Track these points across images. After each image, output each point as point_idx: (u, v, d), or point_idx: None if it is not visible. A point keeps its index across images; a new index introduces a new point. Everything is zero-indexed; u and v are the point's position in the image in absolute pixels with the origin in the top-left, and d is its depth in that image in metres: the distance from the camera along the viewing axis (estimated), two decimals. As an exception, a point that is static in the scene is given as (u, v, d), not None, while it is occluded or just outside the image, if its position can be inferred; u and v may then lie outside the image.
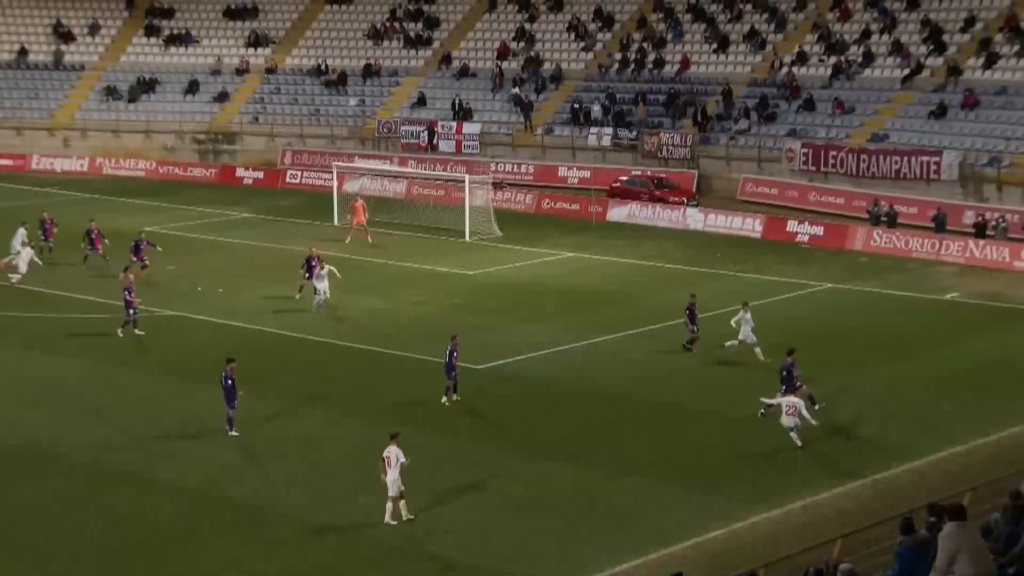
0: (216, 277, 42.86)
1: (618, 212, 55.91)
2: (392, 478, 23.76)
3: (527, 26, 71.33)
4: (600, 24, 69.96)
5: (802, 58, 63.20)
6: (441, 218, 53.60)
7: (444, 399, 30.51)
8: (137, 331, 36.35)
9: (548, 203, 58.21)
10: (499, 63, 69.44)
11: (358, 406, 30.75)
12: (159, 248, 44.11)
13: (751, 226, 52.64)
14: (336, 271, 39.77)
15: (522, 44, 70.73)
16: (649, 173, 59.36)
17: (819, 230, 50.90)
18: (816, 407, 29.42)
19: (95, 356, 34.88)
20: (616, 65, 67.40)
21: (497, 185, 58.36)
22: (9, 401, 31.22)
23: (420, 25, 74.06)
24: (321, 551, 23.16)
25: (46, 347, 35.87)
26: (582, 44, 69.53)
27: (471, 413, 30.13)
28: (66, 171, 69.47)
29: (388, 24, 74.63)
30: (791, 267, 46.18)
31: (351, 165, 61.54)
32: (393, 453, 23.85)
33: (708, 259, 47.60)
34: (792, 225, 51.70)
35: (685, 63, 65.64)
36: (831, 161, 56.50)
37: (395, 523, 23.84)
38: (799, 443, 27.40)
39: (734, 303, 40.21)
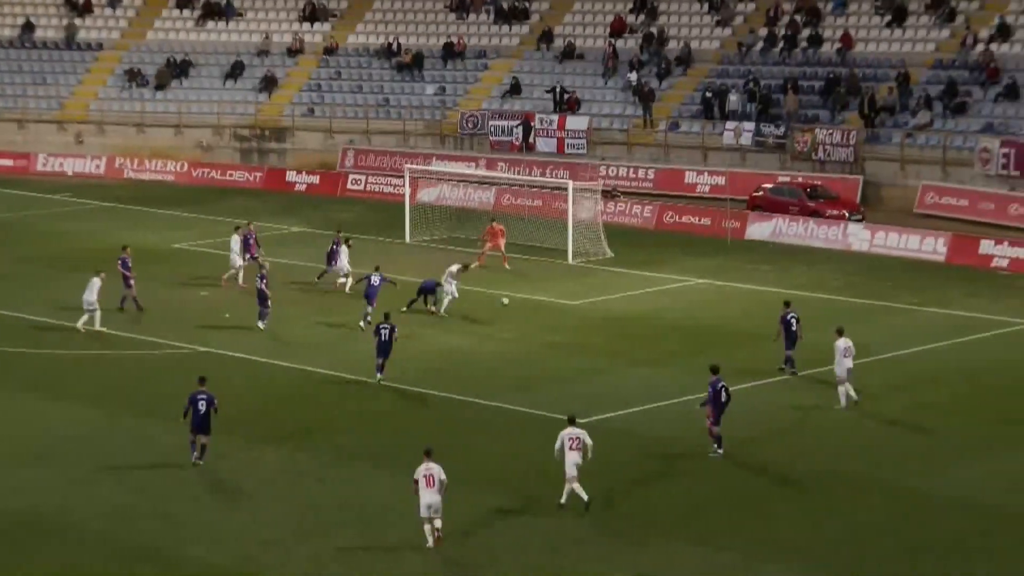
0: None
1: (760, 228, 55.73)
2: (436, 499, 26.15)
3: (648, -5, 71.58)
4: (740, -8, 70.01)
5: (1004, 32, 62.45)
6: (538, 235, 53.87)
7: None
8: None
9: (671, 217, 58.23)
10: (612, 41, 69.73)
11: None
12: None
13: (932, 247, 52.16)
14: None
15: (642, 18, 70.95)
16: (801, 180, 59.09)
17: (1023, 252, 50.24)
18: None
19: (112, 403, 35.66)
20: (760, 44, 67.26)
21: (608, 194, 58.56)
22: (6, 458, 31.97)
23: (514, -6, 74.69)
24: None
25: (52, 391, 36.76)
26: (717, 17, 69.54)
27: (572, 480, 30.23)
28: (79, 174, 71.17)
29: (475, -7, 75.40)
30: (985, 300, 45.68)
31: (427, 168, 62.14)
32: (436, 471, 26.35)
33: (877, 289, 47.21)
34: (987, 246, 51.14)
35: (848, 41, 65.29)
36: (1040, 164, 55.82)
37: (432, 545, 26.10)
38: (573, 497, 27.92)
39: (910, 345, 39.92)
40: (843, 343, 34.55)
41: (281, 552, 26.79)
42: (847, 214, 56.03)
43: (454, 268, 43.93)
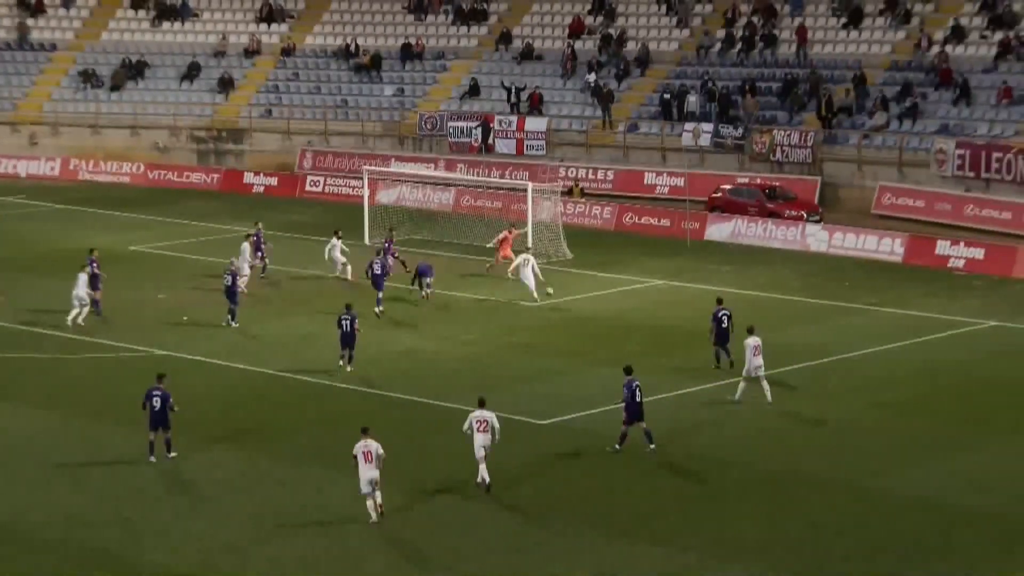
0: (216, 309, 43.38)
1: (719, 229, 55.98)
2: (375, 474, 27.32)
3: (606, -4, 71.82)
4: (698, -7, 70.32)
5: (958, 34, 62.97)
6: (497, 236, 53.87)
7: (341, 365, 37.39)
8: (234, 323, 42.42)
9: (631, 218, 58.42)
10: (571, 43, 69.88)
11: (392, 470, 30.95)
12: None
13: (890, 247, 52.53)
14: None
15: (600, 19, 71.14)
16: (759, 181, 59.40)
17: (978, 252, 50.68)
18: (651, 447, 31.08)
19: (67, 406, 35.45)
20: (718, 45, 67.54)
21: (568, 195, 58.65)
22: (-40, 461, 31.80)
23: (473, -5, 74.80)
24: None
25: (4, 393, 36.50)
26: (675, 19, 69.79)
27: (531, 481, 30.29)
28: (32, 176, 70.80)
29: (433, -6, 75.45)
30: (941, 300, 46.07)
31: (386, 170, 62.12)
32: (374, 448, 27.54)
33: (835, 289, 47.51)
34: (943, 246, 51.52)
35: (804, 40, 65.64)
36: (994, 165, 56.21)
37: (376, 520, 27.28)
38: (484, 479, 28.91)
39: (868, 345, 40.19)
40: (752, 341, 34.87)
41: (241, 556, 26.71)
42: (805, 215, 56.36)
43: (532, 258, 45.60)
